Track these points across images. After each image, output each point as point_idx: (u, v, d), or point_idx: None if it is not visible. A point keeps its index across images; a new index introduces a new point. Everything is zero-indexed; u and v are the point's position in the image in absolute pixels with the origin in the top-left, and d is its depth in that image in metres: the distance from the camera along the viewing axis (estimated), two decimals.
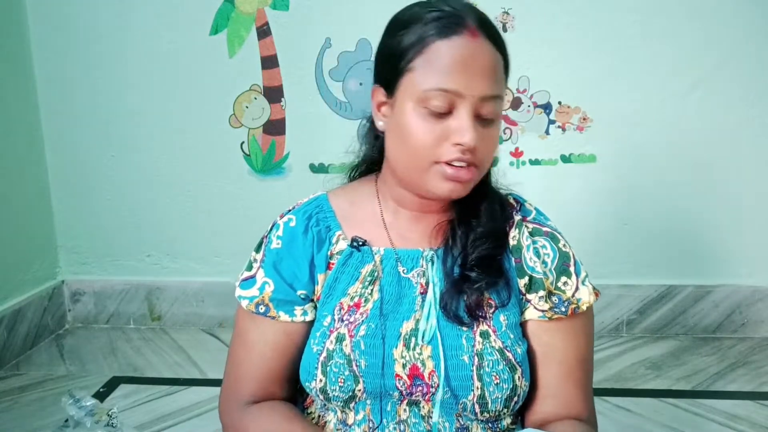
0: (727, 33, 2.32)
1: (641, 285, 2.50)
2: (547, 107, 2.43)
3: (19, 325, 2.45)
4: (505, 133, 2.46)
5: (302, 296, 0.93)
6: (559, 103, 2.42)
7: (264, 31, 2.46)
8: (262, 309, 0.92)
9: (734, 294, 2.47)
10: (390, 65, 0.85)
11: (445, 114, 0.82)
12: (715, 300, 2.48)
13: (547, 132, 2.45)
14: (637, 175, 2.41)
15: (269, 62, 2.48)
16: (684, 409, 1.97)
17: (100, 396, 2.08)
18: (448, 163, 0.83)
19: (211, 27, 2.48)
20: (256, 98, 2.52)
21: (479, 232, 0.91)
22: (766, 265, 2.46)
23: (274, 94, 2.51)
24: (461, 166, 0.83)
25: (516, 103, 2.44)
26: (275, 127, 2.53)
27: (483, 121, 0.83)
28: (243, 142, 2.56)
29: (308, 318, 0.93)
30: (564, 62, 2.38)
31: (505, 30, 2.38)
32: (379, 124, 0.90)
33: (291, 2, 2.43)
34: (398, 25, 0.86)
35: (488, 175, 0.95)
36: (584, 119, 2.42)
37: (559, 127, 2.44)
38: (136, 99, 2.56)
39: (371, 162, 1.00)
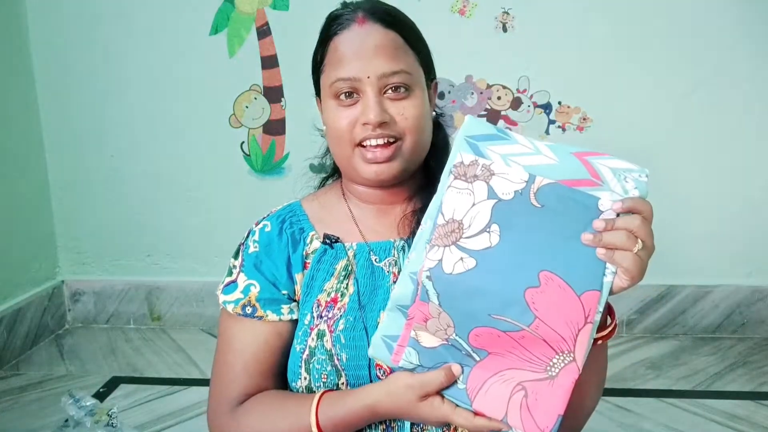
0: (727, 34, 2.32)
1: (641, 285, 2.47)
2: (547, 107, 2.43)
3: (19, 325, 2.45)
4: None
5: (286, 296, 0.95)
6: (559, 103, 2.42)
7: (264, 31, 2.46)
8: (248, 310, 0.93)
9: (734, 294, 2.47)
10: (313, 73, 0.95)
11: (354, 100, 0.89)
12: (715, 300, 2.48)
13: (547, 132, 2.45)
14: None
15: (269, 62, 2.48)
16: (684, 409, 1.97)
17: (100, 396, 2.08)
18: (364, 146, 0.89)
19: (211, 27, 2.48)
20: (256, 98, 2.52)
21: None
22: (766, 265, 2.46)
23: (274, 94, 2.51)
24: (378, 145, 0.88)
25: (516, 103, 2.44)
26: (275, 127, 2.53)
27: (395, 96, 0.89)
28: (243, 142, 2.56)
29: (295, 316, 0.94)
30: (564, 62, 2.38)
31: (505, 30, 2.38)
32: (323, 129, 0.97)
33: (291, 2, 2.43)
34: (319, 35, 0.94)
35: (441, 154, 0.95)
36: (584, 119, 2.42)
37: (559, 127, 2.44)
38: (136, 99, 2.57)
39: (335, 168, 1.04)
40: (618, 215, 0.71)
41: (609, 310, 0.80)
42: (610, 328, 0.79)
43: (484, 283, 0.70)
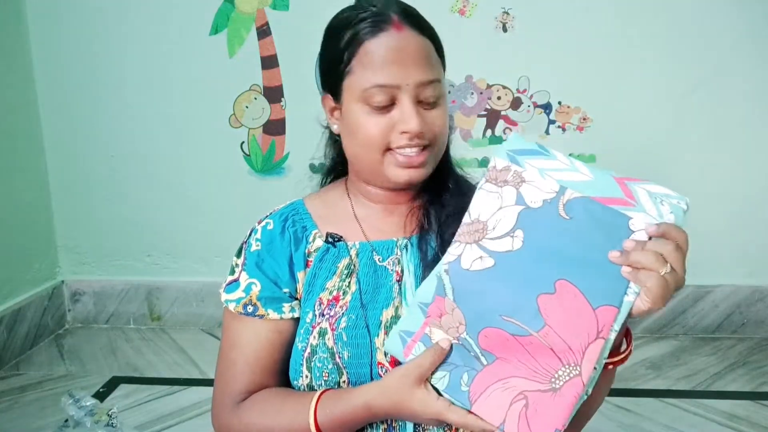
0: (727, 34, 2.32)
1: None
2: (547, 107, 2.43)
3: (19, 325, 2.45)
4: (505, 134, 2.46)
5: (288, 294, 0.95)
6: (559, 103, 2.42)
7: (264, 31, 2.46)
8: (250, 309, 0.94)
9: (734, 294, 2.47)
10: (331, 72, 0.92)
11: (388, 106, 0.87)
12: (715, 300, 2.48)
13: (547, 132, 2.45)
14: (637, 175, 2.40)
15: (269, 62, 2.49)
16: (684, 409, 1.97)
17: (100, 396, 2.08)
18: (399, 151, 0.88)
19: (211, 27, 2.48)
20: (256, 98, 2.52)
21: (450, 209, 0.94)
22: (766, 265, 2.46)
23: (274, 94, 2.51)
24: (413, 153, 0.88)
25: (516, 103, 2.44)
26: (275, 127, 2.54)
27: (426, 104, 0.88)
28: (243, 142, 2.56)
29: (296, 315, 0.95)
30: (564, 62, 2.38)
31: (505, 30, 2.38)
32: (334, 127, 0.96)
33: (291, 2, 2.43)
34: (333, 32, 0.92)
35: (447, 156, 0.98)
36: (584, 119, 2.42)
37: (559, 127, 2.44)
38: (136, 99, 2.57)
39: (339, 165, 1.04)
40: (650, 239, 0.70)
41: (626, 336, 0.79)
42: (624, 354, 0.77)
43: (498, 284, 0.71)
